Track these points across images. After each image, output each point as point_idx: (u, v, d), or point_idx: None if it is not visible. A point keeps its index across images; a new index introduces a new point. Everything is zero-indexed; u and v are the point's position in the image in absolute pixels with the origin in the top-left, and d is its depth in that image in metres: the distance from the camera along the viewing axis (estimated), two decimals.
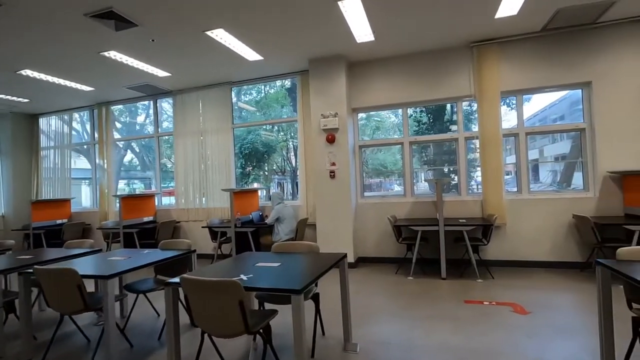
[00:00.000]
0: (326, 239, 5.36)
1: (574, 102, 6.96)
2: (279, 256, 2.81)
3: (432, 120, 5.94)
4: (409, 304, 3.62)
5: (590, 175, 4.74)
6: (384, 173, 6.23)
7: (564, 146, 9.37)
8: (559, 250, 4.76)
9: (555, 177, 6.71)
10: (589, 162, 4.74)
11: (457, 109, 5.30)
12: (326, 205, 5.36)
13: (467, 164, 5.24)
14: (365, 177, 5.97)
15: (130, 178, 11.30)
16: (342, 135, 5.29)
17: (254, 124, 6.93)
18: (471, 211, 5.11)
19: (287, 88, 7.79)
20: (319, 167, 5.41)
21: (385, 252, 5.48)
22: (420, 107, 5.75)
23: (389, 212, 5.42)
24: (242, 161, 7.91)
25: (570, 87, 4.84)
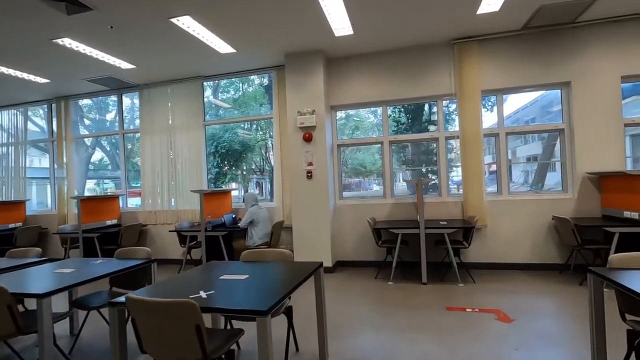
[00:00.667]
0: (303, 242, 5.10)
1: (545, 106, 7.00)
2: (248, 266, 2.53)
3: (410, 120, 5.80)
4: (390, 313, 3.42)
5: (569, 176, 4.70)
6: (363, 173, 6.04)
7: (536, 147, 9.51)
8: (539, 252, 4.70)
9: (527, 177, 6.74)
10: (567, 163, 4.71)
11: (437, 108, 5.16)
12: (303, 207, 5.10)
13: (447, 164, 5.11)
14: (345, 177, 5.76)
15: (100, 177, 10.66)
16: (320, 133, 5.04)
17: (226, 121, 6.58)
18: (451, 213, 4.99)
19: (265, 86, 7.48)
20: (295, 166, 5.14)
21: (365, 256, 5.29)
22: (399, 106, 5.58)
23: (368, 213, 5.22)
24: (218, 160, 7.53)
25: (550, 87, 4.79)
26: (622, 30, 4.43)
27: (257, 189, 7.88)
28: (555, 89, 4.79)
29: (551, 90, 4.92)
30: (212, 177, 7.35)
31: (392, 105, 5.40)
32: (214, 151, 7.36)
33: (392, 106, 5.42)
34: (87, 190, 8.56)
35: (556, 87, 4.77)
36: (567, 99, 4.71)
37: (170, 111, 6.08)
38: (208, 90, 7.54)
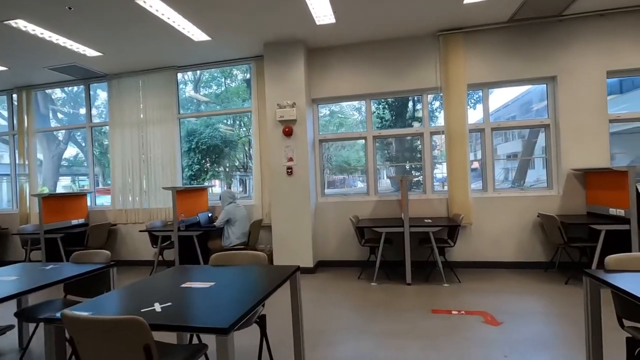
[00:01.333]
0: (282, 242, 4.86)
1: (524, 104, 6.97)
2: (217, 271, 2.28)
3: (394, 117, 5.64)
4: (372, 317, 3.23)
5: (554, 172, 4.62)
6: (348, 170, 5.84)
7: (516, 145, 9.54)
8: (524, 250, 4.61)
9: (508, 175, 6.71)
10: (553, 159, 4.63)
11: (422, 102, 5.00)
12: (283, 204, 4.85)
13: (431, 160, 4.96)
14: (329, 175, 5.55)
15: (75, 174, 10.11)
16: (301, 127, 4.80)
17: (202, 115, 6.24)
18: (436, 210, 4.84)
19: (248, 80, 7.17)
20: (274, 162, 4.89)
21: (348, 255, 5.09)
22: (383, 103, 5.40)
23: (351, 211, 5.02)
24: (199, 157, 7.20)
25: (536, 81, 4.69)
26: (608, 24, 4.36)
27: (240, 187, 7.58)
28: (541, 83, 4.69)
29: (534, 87, 4.84)
30: (192, 174, 7.04)
31: (376, 99, 5.21)
32: (195, 147, 7.02)
33: (375, 100, 5.22)
34: (62, 188, 8.08)
35: (542, 82, 4.67)
36: (552, 93, 4.62)
37: (141, 103, 5.71)
38: (190, 85, 7.21)
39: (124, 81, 5.76)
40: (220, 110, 6.22)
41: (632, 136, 5.95)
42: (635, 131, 5.80)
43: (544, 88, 4.70)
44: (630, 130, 5.31)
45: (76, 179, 9.83)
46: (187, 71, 5.73)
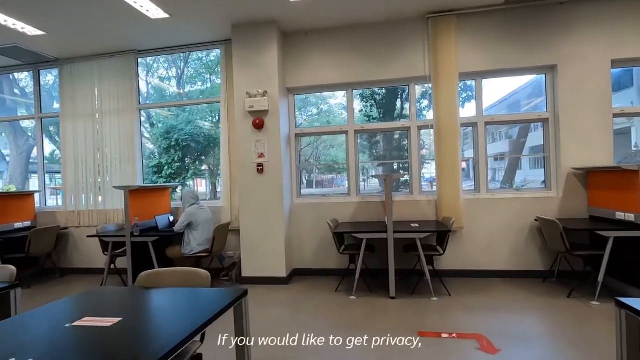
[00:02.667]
0: (252, 248, 4.31)
1: (511, 105, 6.52)
2: (135, 297, 1.72)
3: (382, 114, 5.14)
4: (349, 339, 2.71)
5: (553, 172, 4.19)
6: (336, 169, 5.29)
7: (503, 146, 9.14)
8: (519, 258, 4.16)
9: (495, 175, 6.27)
10: (552, 157, 4.19)
11: (409, 93, 4.51)
12: (252, 206, 4.30)
13: (419, 158, 4.48)
14: (318, 174, 5.04)
15: (53, 172, 9.34)
16: (273, 119, 4.25)
17: (165, 105, 5.63)
18: (424, 213, 4.36)
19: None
20: (243, 158, 4.33)
21: (326, 263, 4.57)
22: (370, 98, 4.89)
23: (330, 214, 4.50)
24: (179, 154, 6.60)
25: (534, 70, 4.24)
26: (614, 9, 3.94)
27: (210, 187, 6.97)
28: (539, 73, 4.25)
29: (525, 84, 4.40)
30: (172, 172, 6.47)
31: (359, 89, 4.69)
32: (174, 144, 6.46)
33: (358, 90, 4.71)
34: (35, 187, 7.39)
35: (541, 71, 4.23)
36: (552, 84, 4.19)
37: (97, 92, 5.07)
38: (174, 81, 6.56)
39: (78, 67, 5.11)
40: (185, 101, 5.59)
41: (618, 137, 5.66)
42: (623, 132, 5.48)
43: (537, 83, 4.26)
44: (618, 131, 4.94)
45: (53, 177, 9.08)
46: (147, 56, 5.12)
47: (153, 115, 6.28)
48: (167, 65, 6.33)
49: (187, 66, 6.25)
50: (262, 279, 4.27)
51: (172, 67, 6.52)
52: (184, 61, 6.22)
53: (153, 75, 6.15)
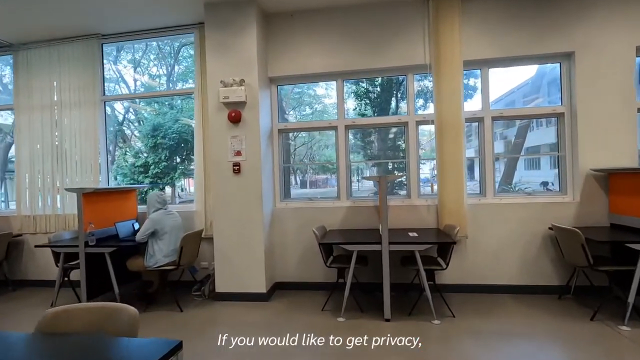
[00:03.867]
0: (227, 260, 3.77)
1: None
2: (28, 351, 1.18)
3: (377, 113, 4.61)
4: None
5: (569, 173, 3.70)
6: (329, 169, 4.77)
7: (497, 147, 8.63)
8: (531, 271, 3.67)
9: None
10: (567, 156, 3.70)
11: (407, 84, 4.00)
12: (227, 211, 3.77)
13: (418, 157, 3.97)
14: (312, 174, 4.53)
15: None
16: (252, 113, 3.72)
17: (132, 97, 5.05)
18: (423, 219, 3.85)
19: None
20: (217, 157, 3.79)
21: (312, 275, 4.04)
22: (362, 87, 4.37)
23: (317, 220, 3.98)
24: (167, 153, 6.06)
25: (548, 59, 3.76)
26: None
27: (185, 189, 6.41)
28: (554, 62, 3.77)
29: (546, 66, 3.92)
30: (159, 172, 5.93)
31: (350, 79, 4.17)
32: (160, 143, 5.92)
33: (349, 80, 4.18)
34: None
35: (555, 60, 3.74)
36: (568, 75, 3.70)
37: (55, 82, 4.50)
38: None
39: (34, 53, 4.54)
40: (154, 92, 5.00)
41: None
42: None
43: (549, 74, 3.77)
44: None
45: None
46: (114, 42, 4.55)
47: (143, 112, 5.75)
48: (158, 62, 5.76)
49: (177, 63, 5.70)
50: (238, 295, 3.73)
51: (163, 65, 5.94)
52: (174, 57, 5.67)
53: (143, 72, 5.58)
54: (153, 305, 3.72)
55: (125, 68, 5.18)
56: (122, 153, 6.20)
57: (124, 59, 5.56)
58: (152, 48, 5.49)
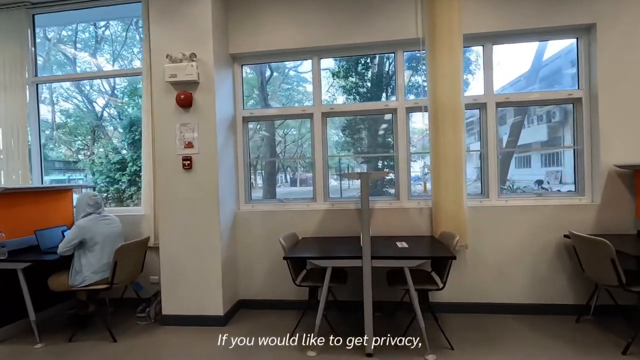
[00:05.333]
0: (175, 275, 3.08)
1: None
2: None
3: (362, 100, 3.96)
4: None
5: (587, 170, 3.11)
6: (305, 166, 4.13)
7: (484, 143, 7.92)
8: (541, 288, 3.07)
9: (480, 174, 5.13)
10: (585, 150, 3.11)
11: (395, 62, 3.35)
12: (176, 215, 3.08)
13: (408, 150, 3.33)
14: (303, 172, 3.88)
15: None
16: (207, 96, 3.03)
17: (68, 78, 4.26)
18: (415, 225, 3.22)
19: None
20: (164, 149, 3.10)
21: (282, 292, 3.38)
22: (354, 93, 3.70)
23: (289, 225, 3.33)
24: None
25: (563, 33, 3.14)
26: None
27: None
28: (570, 36, 3.16)
29: (562, 42, 3.31)
30: (138, 169, 5.15)
31: (328, 56, 3.50)
32: (140, 138, 5.15)
33: (327, 57, 3.51)
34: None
35: (571, 34, 3.14)
36: (587, 52, 3.10)
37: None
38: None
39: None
40: (98, 72, 4.22)
41: None
42: None
43: (567, 50, 3.17)
44: None
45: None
46: (47, 12, 3.80)
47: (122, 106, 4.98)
48: (106, 39, 4.98)
49: (126, 40, 4.93)
50: (189, 318, 3.05)
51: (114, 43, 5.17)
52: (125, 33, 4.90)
53: (88, 51, 4.78)
54: (84, 332, 3.01)
55: (67, 46, 4.41)
56: (99, 149, 5.46)
57: (66, 36, 4.78)
58: (97, 23, 4.70)
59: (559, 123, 4.79)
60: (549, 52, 3.37)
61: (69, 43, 4.45)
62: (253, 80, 3.88)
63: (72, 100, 5.42)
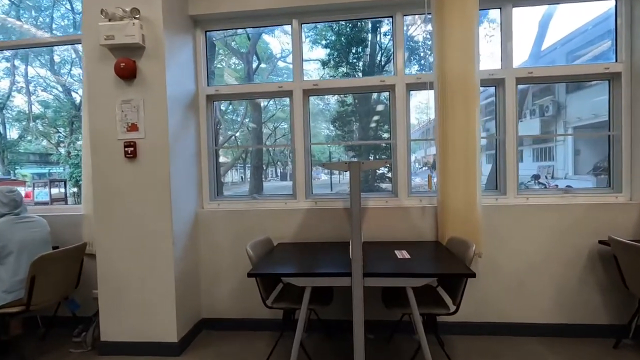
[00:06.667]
0: (118, 290, 2.45)
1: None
2: None
3: (357, 99, 3.35)
4: None
5: (625, 162, 2.55)
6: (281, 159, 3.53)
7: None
8: (571, 305, 2.52)
9: None
10: (624, 136, 2.55)
11: (393, 27, 2.73)
12: (117, 215, 2.43)
13: (408, 136, 2.74)
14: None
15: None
16: (156, 65, 2.37)
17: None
18: (416, 228, 2.63)
19: None
20: (100, 133, 2.44)
21: (253, 309, 2.77)
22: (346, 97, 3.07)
23: (263, 228, 2.72)
24: None
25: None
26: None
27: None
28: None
29: (597, 5, 2.74)
30: None
31: (311, 21, 2.85)
32: None
33: (309, 22, 2.87)
34: None
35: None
36: (628, 17, 2.53)
37: None
38: None
39: None
40: (30, 40, 3.48)
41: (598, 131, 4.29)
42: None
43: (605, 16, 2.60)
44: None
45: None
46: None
47: None
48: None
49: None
50: (134, 346, 2.42)
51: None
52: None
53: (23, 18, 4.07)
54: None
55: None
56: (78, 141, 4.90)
57: None
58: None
59: (552, 117, 4.28)
60: (579, 20, 2.79)
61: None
62: (241, 71, 3.30)
63: (51, 90, 5.00)
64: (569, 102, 4.03)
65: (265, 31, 3.17)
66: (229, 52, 3.31)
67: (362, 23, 2.96)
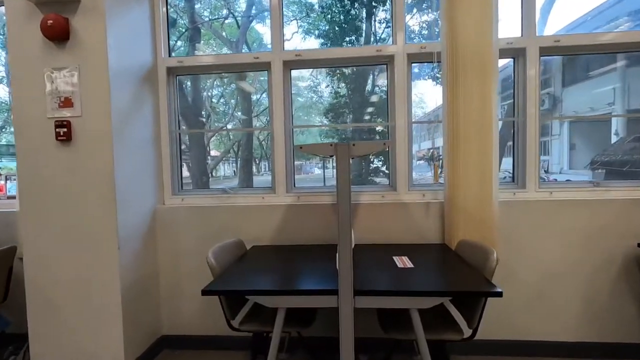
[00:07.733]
0: (50, 304, 1.98)
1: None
2: None
3: (351, 91, 2.87)
4: None
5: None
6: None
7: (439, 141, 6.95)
8: (601, 319, 2.12)
9: None
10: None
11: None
12: (48, 213, 1.96)
13: (410, 118, 2.28)
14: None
15: None
16: (94, 24, 1.88)
17: None
18: (417, 227, 2.20)
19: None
20: (25, 110, 1.95)
21: (222, 325, 2.31)
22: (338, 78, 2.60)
23: (235, 227, 2.26)
24: None
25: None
26: None
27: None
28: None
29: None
30: None
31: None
32: None
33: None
34: None
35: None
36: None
37: None
38: None
39: None
40: None
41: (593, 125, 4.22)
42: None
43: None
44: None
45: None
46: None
47: None
48: None
49: None
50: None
51: None
52: None
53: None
54: None
55: None
56: None
57: None
58: None
59: (547, 110, 3.90)
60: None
61: None
62: None
63: None
64: (565, 96, 3.74)
65: (257, 19, 2.69)
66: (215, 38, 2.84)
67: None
